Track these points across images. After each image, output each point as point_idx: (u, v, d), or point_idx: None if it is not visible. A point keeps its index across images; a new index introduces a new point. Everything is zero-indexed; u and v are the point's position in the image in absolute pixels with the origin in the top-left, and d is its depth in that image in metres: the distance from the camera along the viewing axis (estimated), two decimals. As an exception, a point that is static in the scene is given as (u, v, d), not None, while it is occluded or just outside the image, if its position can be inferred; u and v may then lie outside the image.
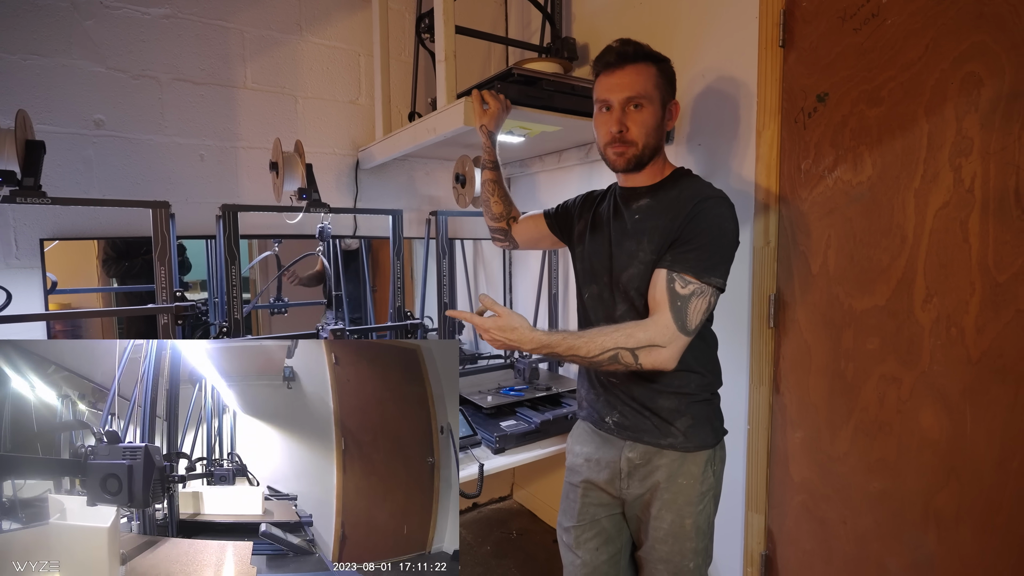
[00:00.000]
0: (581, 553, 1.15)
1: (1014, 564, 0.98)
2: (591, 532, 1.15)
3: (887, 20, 1.10)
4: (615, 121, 1.03)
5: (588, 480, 1.15)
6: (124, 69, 1.55)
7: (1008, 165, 0.95)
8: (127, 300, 1.62)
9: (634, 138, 1.03)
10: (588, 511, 1.15)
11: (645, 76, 1.02)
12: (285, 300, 1.90)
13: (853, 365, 1.19)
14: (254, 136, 1.76)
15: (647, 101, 1.02)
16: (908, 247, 1.09)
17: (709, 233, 0.96)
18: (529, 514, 2.34)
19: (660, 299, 0.96)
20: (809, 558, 1.31)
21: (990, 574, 1.01)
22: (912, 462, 1.11)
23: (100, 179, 1.53)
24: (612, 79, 1.04)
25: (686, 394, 1.05)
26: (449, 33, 1.42)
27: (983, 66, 0.97)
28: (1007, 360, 0.97)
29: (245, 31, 1.73)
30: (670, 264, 0.97)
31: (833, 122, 1.20)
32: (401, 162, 2.04)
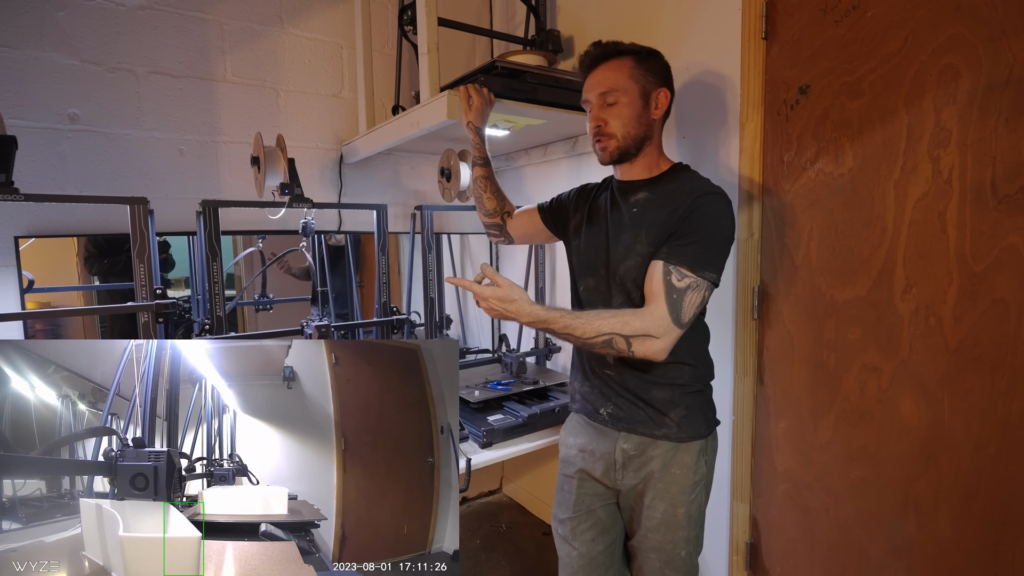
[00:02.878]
0: (577, 544, 1.16)
1: (990, 548, 1.00)
2: (587, 523, 1.16)
3: (867, 12, 1.10)
4: (594, 117, 1.08)
5: (583, 470, 1.16)
6: (99, 62, 1.51)
7: (985, 156, 0.96)
8: (109, 298, 1.59)
9: (612, 131, 1.06)
10: (584, 502, 1.16)
11: (618, 70, 1.05)
12: (270, 296, 1.88)
13: (835, 355, 1.21)
14: (235, 130, 1.73)
15: (620, 93, 1.05)
16: (888, 238, 1.10)
17: (707, 228, 0.98)
18: (518, 507, 2.35)
19: (656, 290, 0.97)
20: (793, 545, 1.33)
21: (967, 558, 1.03)
22: (892, 450, 1.13)
23: (76, 175, 1.50)
24: (590, 80, 1.09)
25: (679, 385, 1.06)
26: (432, 25, 1.40)
27: (961, 58, 0.98)
28: (983, 349, 0.99)
29: (224, 23, 1.69)
30: (667, 256, 0.97)
31: (815, 114, 1.20)
32: (386, 156, 2.02)
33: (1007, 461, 0.97)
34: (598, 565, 1.15)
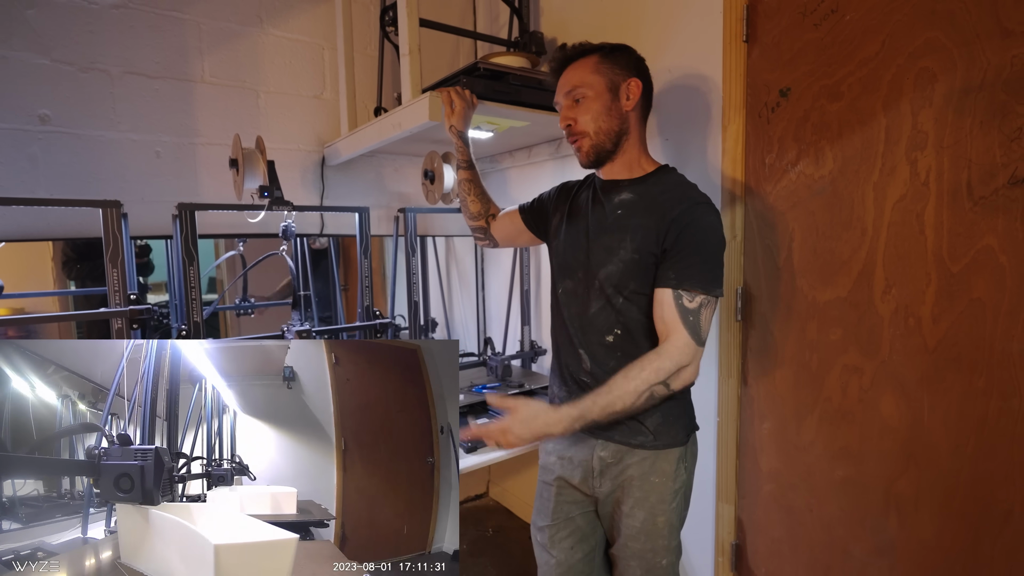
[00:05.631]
0: (556, 552, 1.15)
1: (969, 545, 1.01)
2: (565, 531, 1.15)
3: (846, 16, 1.11)
4: (563, 117, 1.08)
5: (561, 478, 1.14)
6: (71, 62, 1.47)
7: (961, 159, 0.98)
8: (87, 303, 1.55)
9: (583, 128, 1.05)
10: (562, 509, 1.15)
11: (582, 68, 1.05)
12: (251, 300, 1.84)
13: (817, 356, 1.22)
14: (214, 132, 1.70)
15: (586, 88, 1.04)
16: (868, 239, 1.11)
17: (706, 244, 0.98)
18: (505, 511, 2.34)
19: (671, 319, 0.96)
20: (778, 546, 1.33)
21: (947, 556, 1.04)
22: (873, 450, 1.13)
23: (47, 177, 1.46)
24: (559, 82, 1.10)
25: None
26: (413, 26, 1.39)
27: (936, 62, 1.00)
28: (961, 348, 1.00)
29: (202, 23, 1.66)
30: (675, 283, 0.96)
31: (795, 117, 1.21)
32: (369, 158, 2.00)
33: (985, 459, 0.98)
34: (577, 573, 1.14)
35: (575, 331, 1.09)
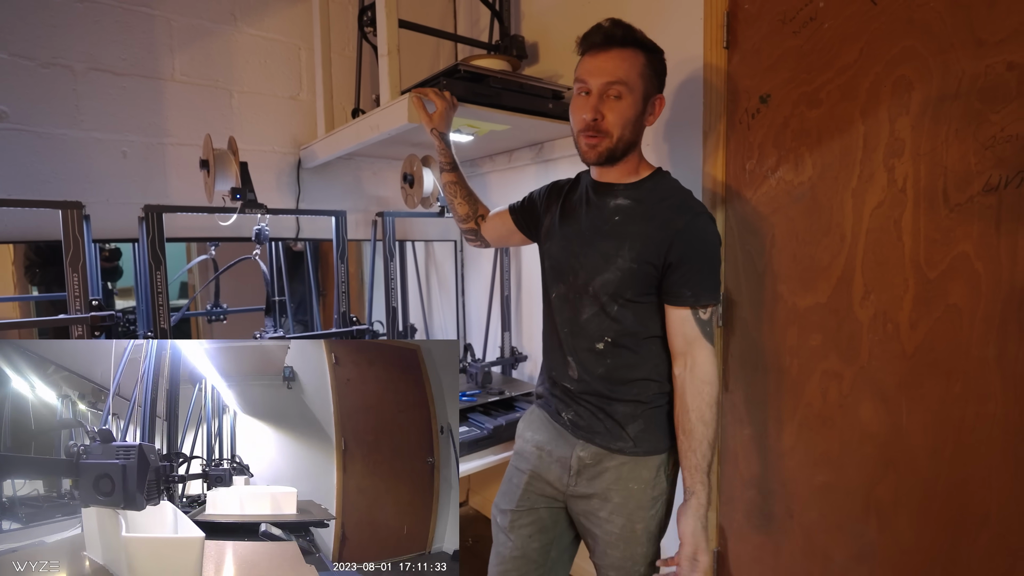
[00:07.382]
0: (513, 537, 1.12)
1: (948, 549, 1.02)
2: (527, 519, 1.12)
3: (824, 24, 1.12)
4: (591, 108, 0.96)
5: (535, 471, 1.11)
6: (31, 56, 1.41)
7: (937, 166, 0.99)
8: (52, 308, 1.47)
9: (609, 128, 0.97)
10: (529, 499, 1.12)
11: (630, 63, 0.96)
12: (224, 306, 1.78)
13: (797, 362, 1.22)
14: (184, 132, 1.65)
15: (627, 90, 0.95)
16: (847, 245, 1.12)
17: (712, 259, 0.99)
18: (485, 520, 2.30)
19: (692, 335, 0.98)
20: (759, 552, 1.33)
21: (927, 559, 1.05)
22: (853, 455, 1.14)
23: (4, 177, 1.39)
24: (595, 61, 0.97)
25: (642, 402, 1.03)
26: (392, 27, 1.37)
27: (913, 70, 1.01)
28: (938, 354, 1.01)
29: (172, 19, 1.61)
30: (693, 301, 0.97)
31: (775, 123, 1.22)
32: (347, 161, 1.96)
33: (962, 464, 0.99)
34: (529, 561, 1.11)
35: (565, 336, 1.07)
